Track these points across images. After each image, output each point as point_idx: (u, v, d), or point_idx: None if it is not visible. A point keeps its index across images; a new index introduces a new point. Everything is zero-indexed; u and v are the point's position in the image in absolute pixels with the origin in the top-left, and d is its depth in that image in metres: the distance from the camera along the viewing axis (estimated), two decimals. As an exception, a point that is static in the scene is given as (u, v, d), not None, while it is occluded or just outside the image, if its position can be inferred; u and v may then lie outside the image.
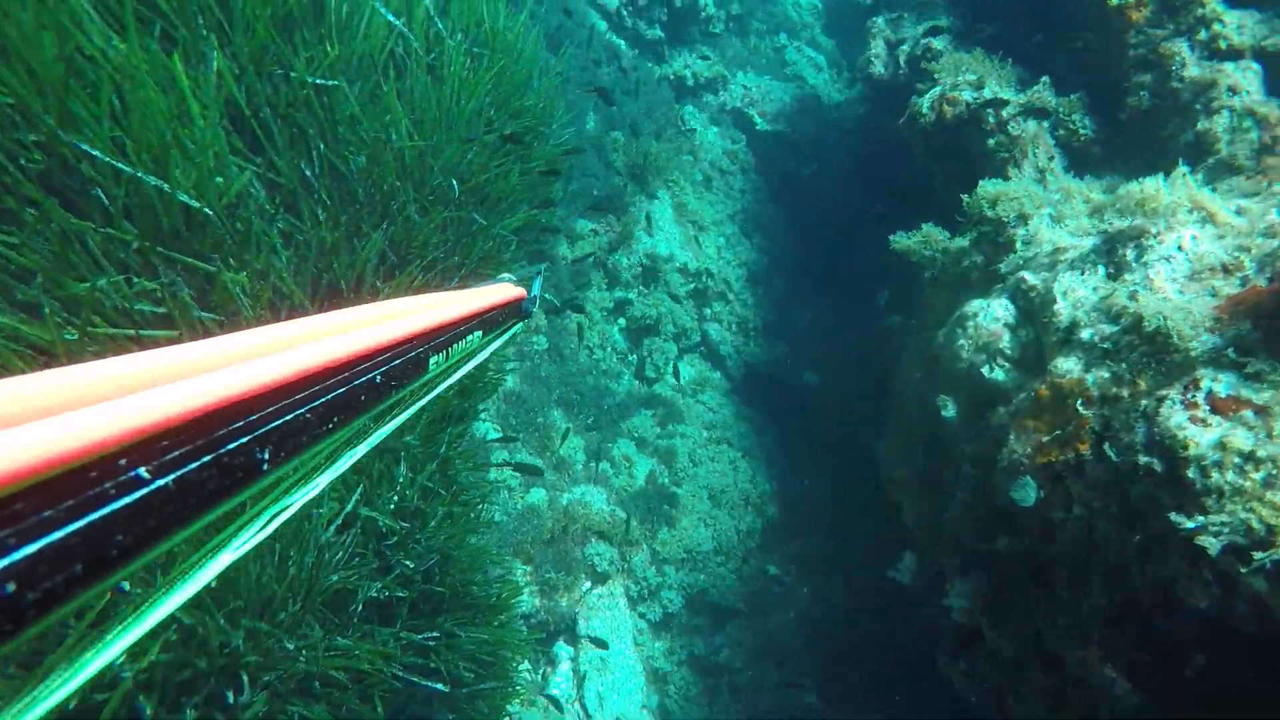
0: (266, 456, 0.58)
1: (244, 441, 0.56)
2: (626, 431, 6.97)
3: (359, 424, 0.75)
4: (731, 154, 8.95)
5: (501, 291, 1.51)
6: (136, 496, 0.45)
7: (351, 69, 3.96)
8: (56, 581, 0.38)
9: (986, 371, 3.51)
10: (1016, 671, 3.61)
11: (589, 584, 6.10)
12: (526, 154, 5.00)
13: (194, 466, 0.51)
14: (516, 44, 5.07)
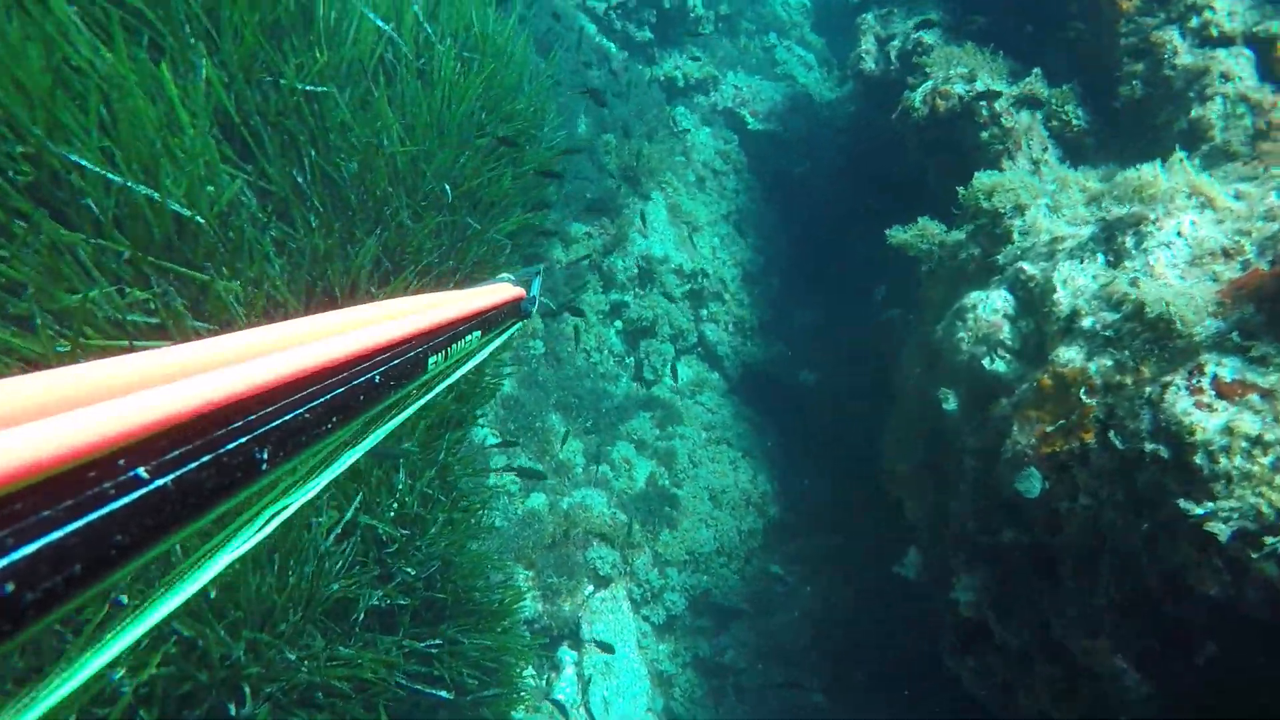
0: (265, 456, 0.58)
1: (243, 441, 0.56)
2: (626, 434, 6.95)
3: (358, 424, 0.75)
4: (724, 154, 8.95)
5: (500, 291, 1.51)
6: (135, 496, 0.45)
7: (341, 75, 3.94)
8: (55, 581, 0.38)
9: (987, 363, 3.49)
10: (1024, 665, 3.60)
11: (591, 588, 6.07)
12: (519, 157, 4.99)
13: (193, 466, 0.50)
14: (506, 48, 5.06)
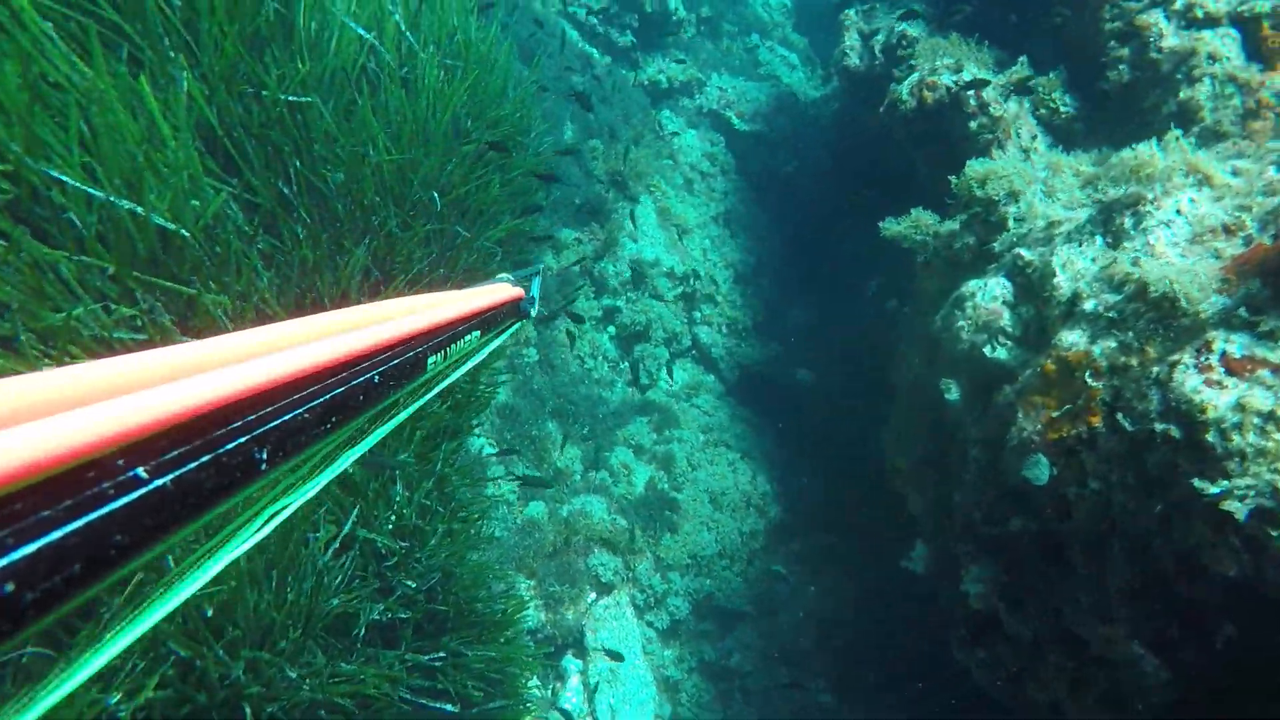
0: (264, 456, 0.58)
1: (242, 441, 0.56)
2: (623, 439, 6.90)
3: (357, 424, 0.75)
4: (711, 156, 8.94)
5: (500, 291, 1.51)
6: (135, 496, 0.45)
7: (324, 85, 3.90)
8: (55, 581, 0.39)
9: (988, 351, 3.47)
10: (1035, 654, 3.56)
11: (594, 595, 6.01)
12: (506, 164, 4.95)
13: (192, 466, 0.50)
14: (489, 55, 5.03)
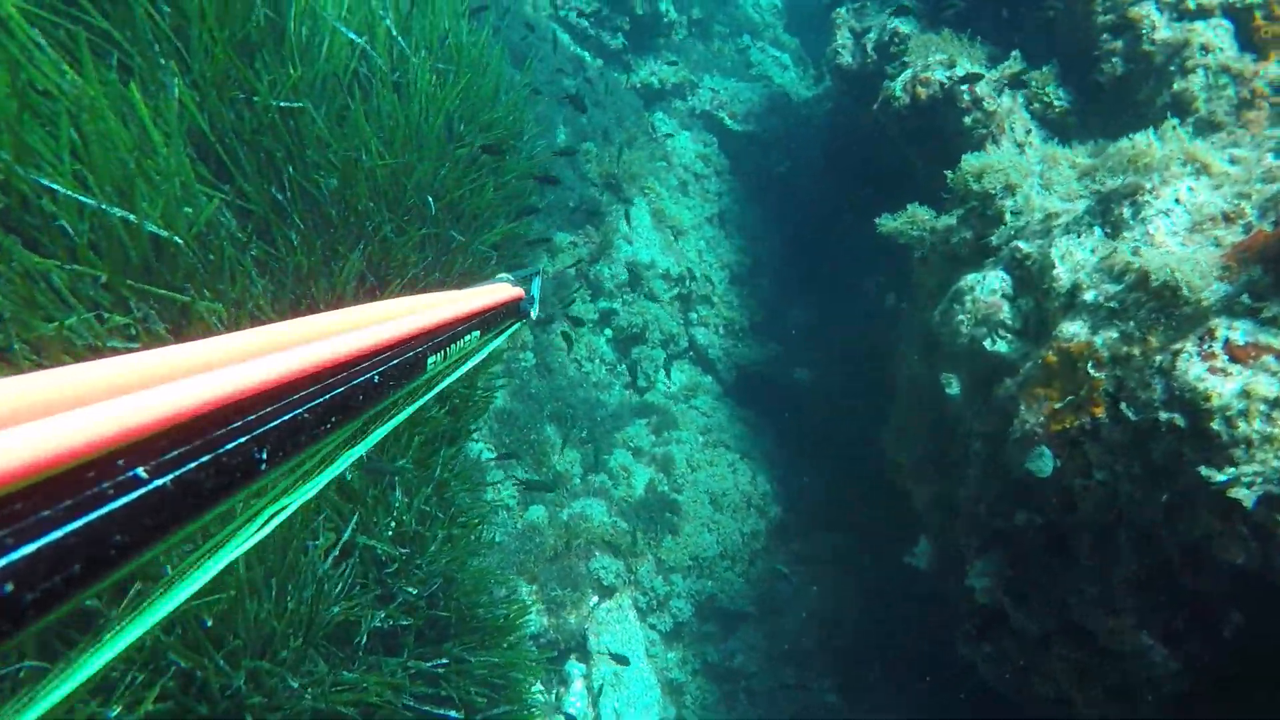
0: (264, 456, 0.58)
1: (242, 441, 0.56)
2: (622, 442, 6.88)
3: (357, 424, 0.75)
4: (705, 157, 8.94)
5: (500, 291, 1.50)
6: (134, 496, 0.45)
7: (316, 90, 3.87)
8: (55, 582, 0.39)
9: (989, 344, 3.45)
10: (1042, 647, 3.55)
11: (596, 598, 5.98)
12: (500, 167, 4.93)
13: (192, 466, 0.50)
14: (482, 58, 5.01)
